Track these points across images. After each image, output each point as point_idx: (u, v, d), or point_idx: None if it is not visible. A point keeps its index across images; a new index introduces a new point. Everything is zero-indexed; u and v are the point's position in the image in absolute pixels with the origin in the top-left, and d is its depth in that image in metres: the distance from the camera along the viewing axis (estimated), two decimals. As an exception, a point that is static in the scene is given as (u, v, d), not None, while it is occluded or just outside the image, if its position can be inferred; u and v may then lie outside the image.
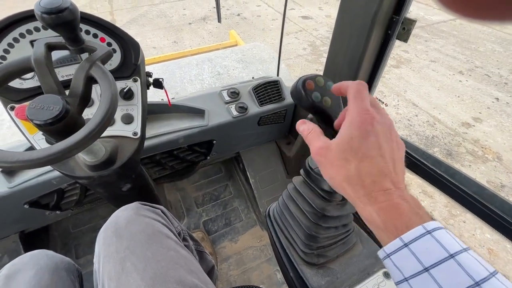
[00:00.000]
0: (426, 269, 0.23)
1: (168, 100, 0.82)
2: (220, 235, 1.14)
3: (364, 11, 0.60)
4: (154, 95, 0.99)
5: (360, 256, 0.52)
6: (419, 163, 0.63)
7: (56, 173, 0.77)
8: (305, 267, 0.50)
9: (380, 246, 0.28)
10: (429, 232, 0.24)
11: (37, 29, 0.57)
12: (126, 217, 0.52)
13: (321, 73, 0.71)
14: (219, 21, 1.03)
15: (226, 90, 0.97)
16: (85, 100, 0.49)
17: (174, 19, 4.00)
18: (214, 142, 0.98)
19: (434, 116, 2.29)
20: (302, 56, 3.26)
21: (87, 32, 0.60)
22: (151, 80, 0.74)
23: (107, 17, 3.97)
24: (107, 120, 0.44)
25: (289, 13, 4.08)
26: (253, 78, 1.13)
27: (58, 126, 0.44)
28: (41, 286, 0.47)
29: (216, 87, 1.00)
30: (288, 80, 1.19)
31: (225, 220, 1.18)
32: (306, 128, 0.35)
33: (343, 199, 0.46)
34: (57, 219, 0.93)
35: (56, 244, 1.05)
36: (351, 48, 0.68)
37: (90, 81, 0.49)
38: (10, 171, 0.75)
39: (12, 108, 0.58)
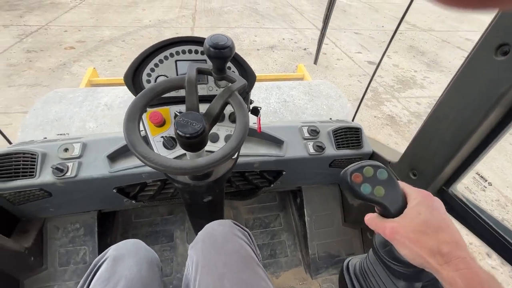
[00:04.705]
0: None
1: (259, 126, 0.87)
2: (263, 265, 1.12)
3: (489, 88, 0.59)
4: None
5: None
6: None
7: (147, 169, 0.85)
8: None
9: None
10: None
11: (183, 52, 0.67)
12: (222, 233, 0.55)
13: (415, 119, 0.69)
14: (315, 63, 1.09)
15: (307, 127, 1.01)
16: (216, 121, 0.55)
17: (244, 43, 4.32)
18: (284, 173, 1.01)
19: (507, 196, 2.05)
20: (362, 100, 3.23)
21: None
22: (251, 107, 0.81)
23: (187, 32, 4.46)
24: (241, 143, 0.49)
25: (355, 56, 4.14)
26: (330, 119, 1.15)
27: (194, 140, 0.50)
28: (141, 276, 0.51)
29: (296, 122, 1.05)
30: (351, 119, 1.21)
31: (270, 250, 1.16)
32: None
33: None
34: (129, 208, 1.02)
35: (118, 229, 1.14)
36: (460, 119, 0.67)
37: (225, 106, 0.55)
38: (113, 158, 0.85)
39: (145, 111, 0.68)
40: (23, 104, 2.57)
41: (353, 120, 1.23)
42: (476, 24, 6.00)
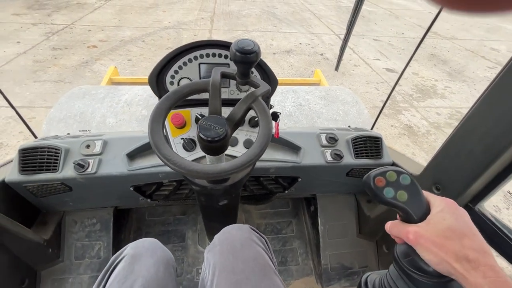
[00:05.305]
0: None
1: (277, 131, 0.87)
2: (273, 272, 1.11)
3: None
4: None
5: None
6: None
7: (164, 169, 0.86)
8: None
9: None
10: None
11: (207, 55, 0.67)
12: (240, 239, 0.55)
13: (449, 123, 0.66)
14: (336, 69, 1.07)
15: (325, 134, 0.99)
16: (238, 125, 0.55)
17: (261, 47, 4.29)
18: (299, 179, 0.99)
19: (532, 214, 1.94)
20: (379, 108, 3.16)
21: None
22: (270, 112, 0.80)
23: (205, 34, 4.53)
24: (264, 150, 0.48)
25: (373, 63, 4.07)
26: (349, 126, 1.13)
27: (216, 144, 0.50)
28: (157, 277, 0.52)
29: (314, 128, 1.03)
30: (368, 126, 1.19)
31: (281, 257, 1.15)
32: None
33: None
34: (143, 206, 1.03)
35: (132, 226, 1.16)
36: (493, 133, 0.63)
37: (248, 111, 0.55)
38: (132, 156, 0.87)
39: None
40: (46, 99, 2.68)
41: (372, 129, 1.20)
42: (503, 33, 5.77)
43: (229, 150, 0.68)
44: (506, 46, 5.11)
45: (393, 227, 0.38)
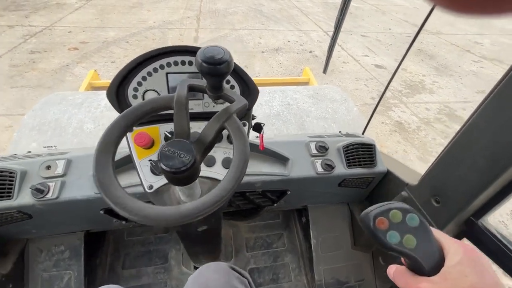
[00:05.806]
0: None
1: (262, 143, 0.79)
2: (265, 290, 1.04)
3: None
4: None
5: None
6: None
7: (137, 189, 0.77)
8: None
9: None
10: None
11: (175, 63, 0.59)
12: (216, 285, 0.47)
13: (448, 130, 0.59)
14: (324, 72, 1.00)
15: (315, 143, 0.92)
16: (209, 149, 0.46)
17: (249, 45, 4.24)
18: (288, 192, 0.92)
19: (525, 210, 1.92)
20: (369, 105, 3.13)
21: None
22: (253, 123, 0.72)
23: (192, 34, 4.40)
24: (239, 181, 0.40)
25: (361, 60, 4.03)
26: (340, 132, 1.06)
27: (181, 175, 0.41)
28: None
29: (303, 136, 0.96)
30: (360, 127, 1.14)
31: (272, 274, 1.07)
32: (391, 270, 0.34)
33: None
34: (119, 228, 0.94)
35: (108, 248, 1.06)
36: (499, 141, 0.57)
37: (221, 131, 0.47)
38: None
39: (130, 130, 0.60)
40: (24, 106, 2.53)
41: (363, 133, 1.13)
42: (486, 27, 5.84)
43: (206, 171, 0.60)
44: (490, 40, 5.17)
45: (398, 276, 0.31)
